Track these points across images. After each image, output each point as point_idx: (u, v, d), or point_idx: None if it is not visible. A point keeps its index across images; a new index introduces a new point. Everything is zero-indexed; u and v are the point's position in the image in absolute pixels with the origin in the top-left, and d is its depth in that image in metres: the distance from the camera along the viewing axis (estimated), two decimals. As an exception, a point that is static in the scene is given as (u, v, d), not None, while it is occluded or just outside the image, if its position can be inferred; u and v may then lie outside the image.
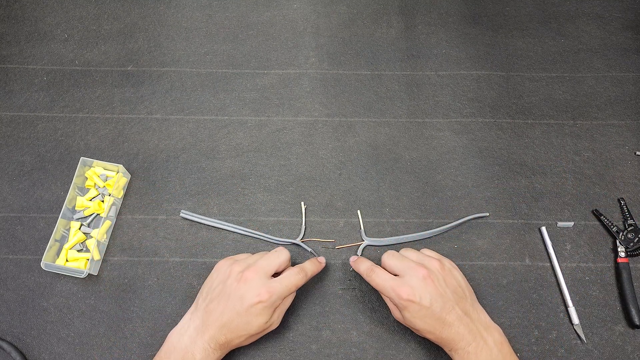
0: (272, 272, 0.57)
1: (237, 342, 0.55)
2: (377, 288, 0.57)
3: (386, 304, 0.59)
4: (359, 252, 0.66)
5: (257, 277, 0.55)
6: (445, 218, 0.68)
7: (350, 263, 0.63)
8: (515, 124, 0.74)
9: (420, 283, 0.54)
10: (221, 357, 0.56)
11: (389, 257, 0.58)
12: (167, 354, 0.54)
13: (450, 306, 0.53)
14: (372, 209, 0.69)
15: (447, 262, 0.59)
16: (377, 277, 0.57)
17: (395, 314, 0.57)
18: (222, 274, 0.57)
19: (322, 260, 0.63)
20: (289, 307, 0.64)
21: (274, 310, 0.56)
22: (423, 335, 0.55)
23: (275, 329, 0.62)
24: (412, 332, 0.62)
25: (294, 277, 0.57)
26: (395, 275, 0.57)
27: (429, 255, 0.59)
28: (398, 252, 0.60)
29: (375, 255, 0.66)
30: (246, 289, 0.54)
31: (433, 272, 0.55)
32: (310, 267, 0.60)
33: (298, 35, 0.80)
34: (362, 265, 0.60)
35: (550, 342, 0.62)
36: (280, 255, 0.58)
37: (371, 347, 0.62)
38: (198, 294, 0.58)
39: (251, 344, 0.62)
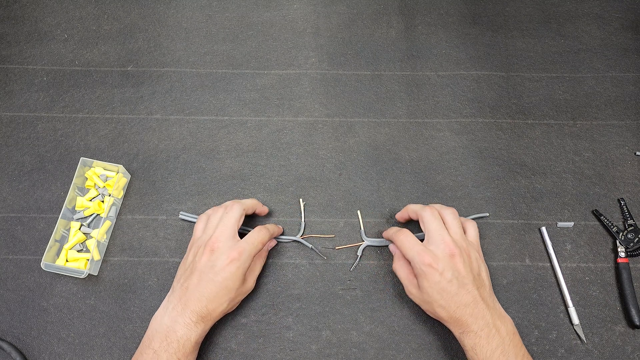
0: (235, 232, 0.58)
1: (219, 310, 0.56)
2: (402, 247, 0.58)
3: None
4: (359, 252, 0.66)
5: (222, 243, 0.57)
6: (445, 218, 0.68)
7: (383, 234, 0.65)
8: (515, 124, 0.74)
9: (447, 258, 0.55)
10: (205, 330, 0.57)
11: (429, 217, 0.59)
12: (149, 338, 0.55)
13: (470, 288, 0.54)
14: (372, 209, 0.69)
15: (478, 255, 0.59)
16: (405, 238, 0.58)
17: (410, 288, 0.58)
18: (191, 254, 0.59)
19: (281, 227, 0.67)
20: (289, 308, 0.64)
21: (247, 272, 0.58)
22: (435, 312, 0.55)
23: (275, 329, 0.62)
24: (412, 333, 0.62)
25: (258, 234, 0.59)
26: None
27: (462, 241, 0.58)
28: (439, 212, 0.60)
29: (375, 255, 0.66)
30: (215, 256, 0.56)
31: (461, 254, 0.56)
32: (272, 227, 0.63)
33: (298, 35, 0.80)
34: (392, 229, 0.62)
35: (550, 342, 0.62)
36: (232, 212, 0.60)
37: (371, 347, 0.62)
38: (174, 281, 0.59)
39: (250, 343, 0.62)
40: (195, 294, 0.55)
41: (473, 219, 0.68)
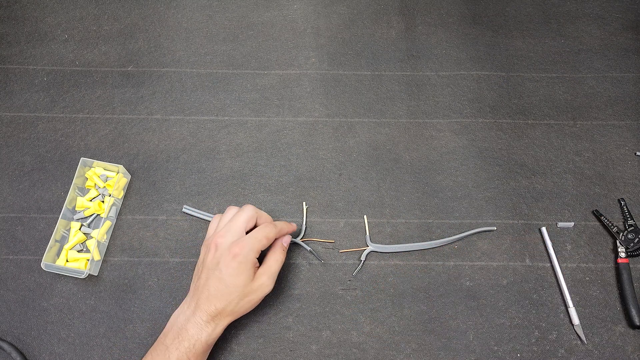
0: (241, 231, 0.57)
1: (229, 309, 0.55)
2: None
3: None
4: (363, 257, 0.66)
5: (224, 240, 0.56)
6: (445, 218, 0.68)
7: None
8: (515, 125, 0.74)
9: None
10: (218, 330, 0.56)
11: None
12: (164, 333, 0.56)
13: None
14: (373, 209, 0.69)
15: None
16: None
17: None
18: (202, 252, 0.59)
19: (294, 225, 0.64)
20: (289, 308, 0.64)
21: (260, 269, 0.57)
22: None
23: (275, 329, 0.62)
24: (412, 333, 0.62)
25: (262, 229, 0.58)
26: None
27: None
28: None
29: (379, 262, 0.66)
30: (219, 253, 0.56)
31: None
32: (281, 224, 0.61)
33: (298, 35, 0.80)
34: None
35: (550, 343, 0.62)
36: (243, 213, 0.58)
37: (371, 347, 0.62)
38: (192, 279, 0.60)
39: (250, 343, 0.62)
40: (204, 293, 0.55)
41: (480, 232, 0.67)
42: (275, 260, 0.59)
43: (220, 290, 0.55)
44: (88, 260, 0.64)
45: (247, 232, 0.58)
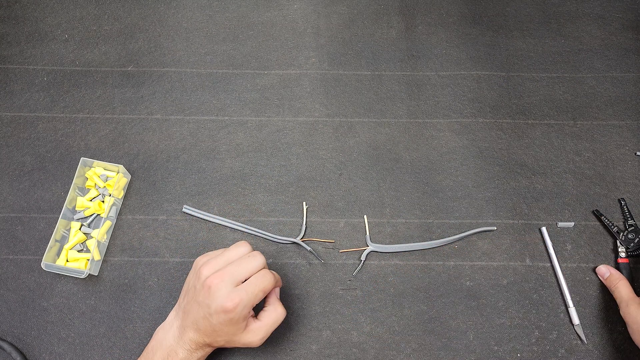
0: (241, 280, 0.52)
1: (217, 345, 0.55)
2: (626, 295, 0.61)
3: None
4: (363, 257, 0.66)
5: (222, 285, 0.51)
6: (445, 218, 0.68)
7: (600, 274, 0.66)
8: (515, 124, 0.74)
9: None
10: (207, 354, 0.56)
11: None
12: (153, 349, 0.55)
13: None
14: (373, 209, 0.69)
15: None
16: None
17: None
18: (195, 275, 0.54)
19: (278, 275, 0.58)
20: (289, 308, 0.64)
21: (247, 321, 0.53)
22: None
23: (276, 329, 0.62)
24: (412, 333, 0.62)
25: (262, 282, 0.53)
26: None
27: None
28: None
29: (379, 262, 0.66)
30: (211, 298, 0.51)
31: None
32: (277, 274, 0.57)
33: (298, 35, 0.80)
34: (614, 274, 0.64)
35: (550, 343, 0.62)
36: (253, 261, 0.54)
37: (371, 347, 0.62)
38: (181, 294, 0.57)
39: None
40: (194, 324, 0.53)
41: (480, 232, 0.67)
42: (275, 319, 0.55)
43: (208, 330, 0.53)
44: (88, 260, 0.64)
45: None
